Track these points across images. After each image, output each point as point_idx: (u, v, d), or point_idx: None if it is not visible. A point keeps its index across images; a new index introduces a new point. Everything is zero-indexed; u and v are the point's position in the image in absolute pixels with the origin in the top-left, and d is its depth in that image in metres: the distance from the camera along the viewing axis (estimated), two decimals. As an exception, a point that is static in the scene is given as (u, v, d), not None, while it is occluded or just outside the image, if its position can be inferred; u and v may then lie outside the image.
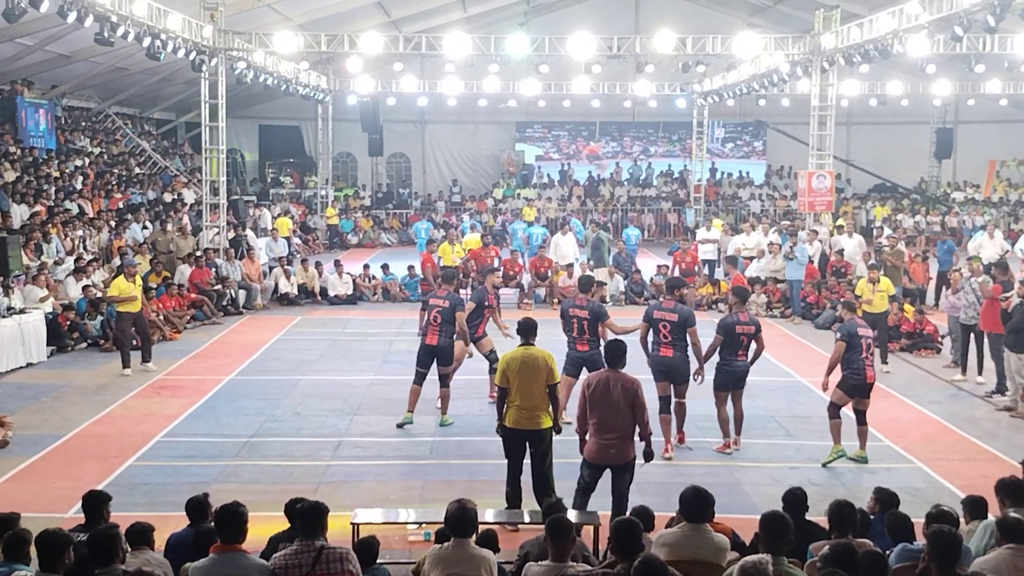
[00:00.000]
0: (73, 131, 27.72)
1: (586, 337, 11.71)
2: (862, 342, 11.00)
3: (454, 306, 12.31)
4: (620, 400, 8.35)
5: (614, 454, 8.42)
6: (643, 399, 8.46)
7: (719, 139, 41.51)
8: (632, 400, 8.35)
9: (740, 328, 11.34)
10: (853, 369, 10.98)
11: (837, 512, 6.50)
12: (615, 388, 8.39)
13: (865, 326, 11.35)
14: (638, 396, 8.38)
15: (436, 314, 12.31)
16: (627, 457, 8.46)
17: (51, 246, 18.71)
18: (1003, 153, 40.11)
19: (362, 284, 22.90)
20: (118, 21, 17.09)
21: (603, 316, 11.87)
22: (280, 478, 10.52)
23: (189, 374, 15.50)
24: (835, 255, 22.25)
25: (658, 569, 5.18)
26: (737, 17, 35.42)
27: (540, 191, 39.67)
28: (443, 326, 12.24)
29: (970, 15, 16.77)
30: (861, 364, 10.95)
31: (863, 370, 10.96)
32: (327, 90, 33.86)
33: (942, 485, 10.44)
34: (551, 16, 36.09)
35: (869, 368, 11.04)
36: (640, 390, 8.44)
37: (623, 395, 8.35)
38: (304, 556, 5.83)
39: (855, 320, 11.36)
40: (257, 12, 24.65)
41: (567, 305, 12.17)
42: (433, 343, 12.27)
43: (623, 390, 8.36)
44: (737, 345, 11.38)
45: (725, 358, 11.44)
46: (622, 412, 8.36)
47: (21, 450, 11.35)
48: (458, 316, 12.31)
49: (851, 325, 11.17)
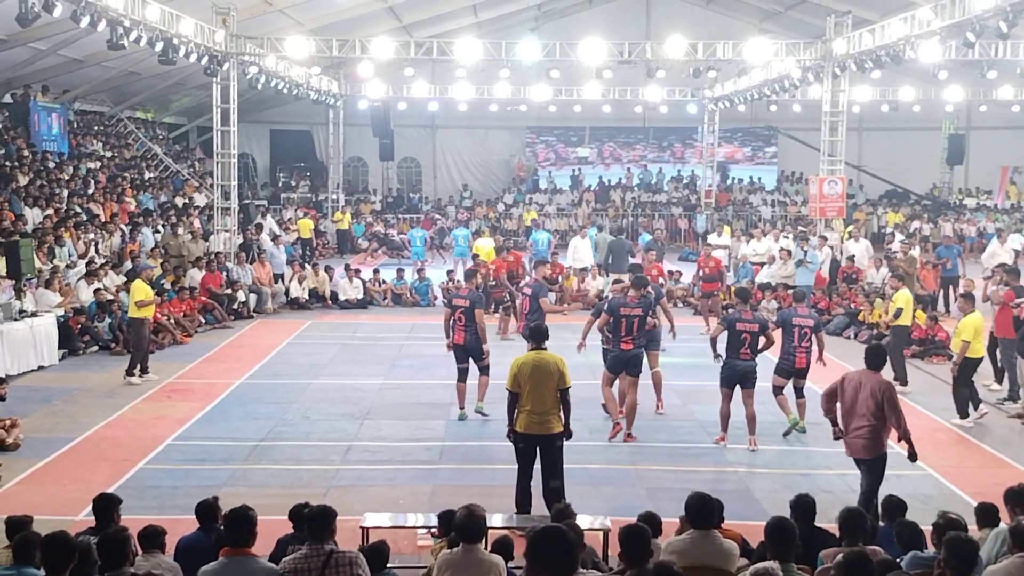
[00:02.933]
0: (85, 135, 27.85)
1: (632, 336, 11.84)
2: (795, 330, 12.12)
3: (474, 304, 12.73)
4: (869, 399, 8.74)
5: (861, 447, 8.87)
6: (896, 400, 8.86)
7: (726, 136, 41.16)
8: (882, 400, 8.71)
9: (741, 326, 11.62)
10: (786, 353, 12.21)
11: (849, 520, 6.47)
12: (866, 387, 8.80)
13: (805, 316, 12.31)
14: (891, 397, 8.77)
15: (460, 314, 12.77)
16: (872, 452, 8.87)
17: (64, 250, 18.78)
18: (1015, 159, 39.92)
19: (372, 289, 22.93)
20: (131, 26, 17.15)
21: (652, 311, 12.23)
22: (290, 482, 10.53)
23: (200, 378, 15.54)
24: (846, 261, 22.20)
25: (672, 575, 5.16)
26: (748, 23, 35.42)
27: (551, 196, 39.72)
28: (468, 324, 12.68)
29: (982, 21, 16.72)
30: (792, 350, 12.14)
31: (793, 355, 12.14)
32: (338, 95, 33.97)
33: (953, 492, 10.39)
34: (562, 21, 36.15)
35: (801, 355, 12.14)
36: (893, 391, 8.87)
37: (872, 395, 8.74)
38: (313, 560, 5.83)
39: (795, 309, 12.46)
40: (269, 17, 24.74)
41: (617, 303, 12.08)
42: (460, 342, 12.79)
43: (871, 391, 8.76)
44: (739, 343, 11.63)
45: (728, 356, 11.72)
46: (870, 411, 8.74)
47: (32, 453, 11.38)
48: (477, 313, 12.68)
49: (789, 313, 12.42)
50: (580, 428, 12.18)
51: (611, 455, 11.55)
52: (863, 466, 8.99)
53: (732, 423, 11.92)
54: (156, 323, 17.30)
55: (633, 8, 36.81)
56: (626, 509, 8.77)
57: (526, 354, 9.32)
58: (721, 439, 11.91)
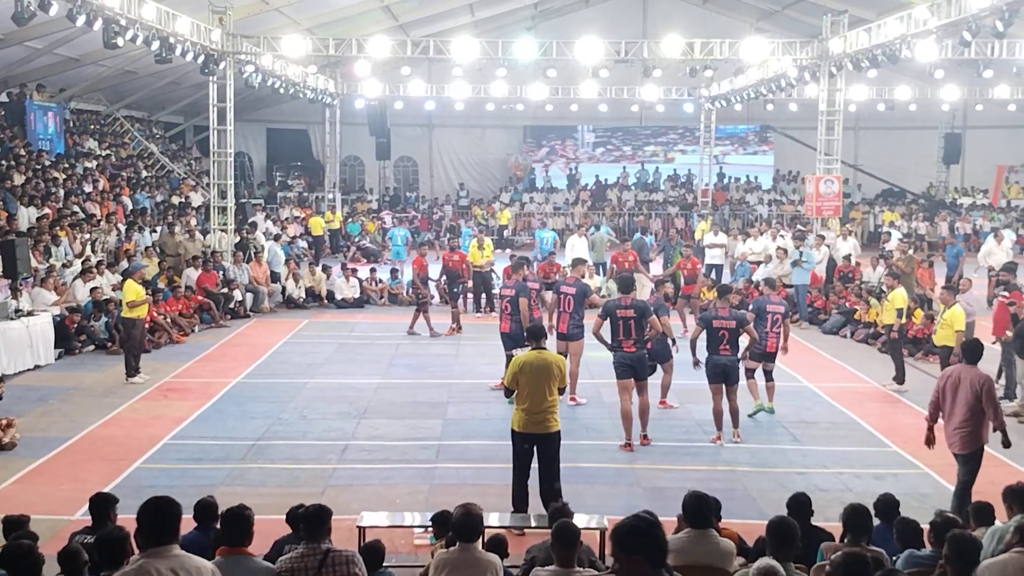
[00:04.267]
0: (81, 134, 27.80)
1: (633, 339, 11.69)
2: (768, 316, 12.94)
3: (518, 293, 13.73)
4: (968, 392, 8.91)
5: (960, 442, 9.06)
6: (994, 392, 9.09)
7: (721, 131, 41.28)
8: (981, 392, 8.85)
9: (718, 323, 11.83)
10: (759, 338, 12.73)
11: (853, 518, 6.46)
12: (964, 381, 8.95)
13: (777, 303, 13.26)
14: (989, 389, 8.91)
15: (506, 303, 13.91)
16: (971, 447, 9.04)
17: (60, 249, 18.76)
18: (1011, 158, 40.03)
19: (369, 288, 22.93)
20: (127, 25, 17.12)
21: (648, 313, 11.95)
22: (287, 481, 10.53)
23: (196, 377, 15.53)
24: (843, 260, 22.22)
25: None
26: (745, 22, 35.43)
27: (547, 195, 39.73)
28: (512, 313, 13.72)
29: (978, 20, 16.74)
30: (764, 335, 12.84)
31: (765, 340, 12.85)
32: (335, 94, 33.94)
33: (949, 491, 10.35)
34: (559, 20, 36.15)
35: (772, 339, 12.91)
36: (991, 384, 9.08)
37: (971, 387, 8.89)
38: (310, 559, 5.83)
39: (768, 296, 13.41)
40: (265, 16, 24.71)
41: (612, 306, 11.87)
42: (506, 330, 13.84)
43: (971, 383, 8.90)
44: (718, 340, 11.81)
45: (709, 352, 11.92)
46: (968, 405, 8.91)
47: (28, 452, 11.37)
48: (521, 302, 13.57)
49: (763, 300, 13.27)
50: (577, 427, 12.24)
51: (608, 454, 11.55)
52: (960, 459, 9.23)
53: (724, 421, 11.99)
54: (152, 322, 17.30)
55: (630, 7, 36.81)
56: (623, 508, 8.76)
57: (527, 353, 9.36)
58: (717, 438, 11.95)
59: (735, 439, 11.95)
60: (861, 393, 14.84)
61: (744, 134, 41.90)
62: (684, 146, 41.43)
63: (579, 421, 12.68)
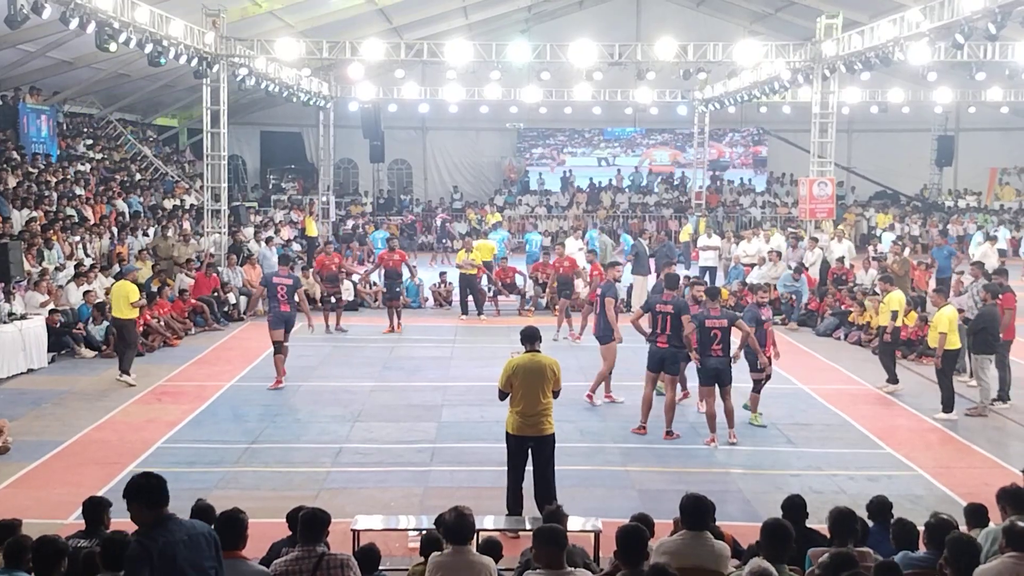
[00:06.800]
0: (75, 137, 27.74)
1: (667, 334, 12.25)
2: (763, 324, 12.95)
3: (604, 294, 13.97)
4: None
5: None
6: None
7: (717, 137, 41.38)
8: None
9: (710, 323, 11.93)
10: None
11: (839, 520, 6.48)
12: None
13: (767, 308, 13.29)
14: None
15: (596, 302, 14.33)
16: None
17: (52, 252, 18.70)
18: (1004, 161, 40.16)
19: (363, 291, 22.89)
20: (120, 28, 17.09)
21: (684, 311, 12.38)
22: (281, 484, 10.51)
23: (190, 380, 15.49)
24: (836, 262, 22.27)
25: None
26: (738, 24, 35.50)
27: (542, 198, 39.72)
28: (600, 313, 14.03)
29: (971, 23, 16.79)
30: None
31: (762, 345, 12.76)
32: (328, 97, 33.90)
33: (944, 493, 10.41)
34: (552, 23, 36.18)
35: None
36: None
37: None
38: (305, 563, 5.82)
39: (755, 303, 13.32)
40: (259, 19, 24.68)
41: (654, 301, 12.89)
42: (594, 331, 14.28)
43: None
44: (710, 340, 11.88)
45: (701, 354, 11.97)
46: None
47: (21, 456, 11.33)
48: (608, 302, 13.72)
49: (753, 308, 13.07)
50: (571, 430, 12.23)
51: (602, 457, 11.56)
52: None
53: (718, 423, 12.01)
54: (146, 325, 17.26)
55: (623, 10, 36.82)
56: (617, 510, 8.77)
57: (521, 356, 9.32)
58: (712, 441, 11.95)
59: (731, 440, 11.95)
60: (855, 395, 14.86)
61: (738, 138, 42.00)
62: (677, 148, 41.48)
63: (574, 424, 12.68)
